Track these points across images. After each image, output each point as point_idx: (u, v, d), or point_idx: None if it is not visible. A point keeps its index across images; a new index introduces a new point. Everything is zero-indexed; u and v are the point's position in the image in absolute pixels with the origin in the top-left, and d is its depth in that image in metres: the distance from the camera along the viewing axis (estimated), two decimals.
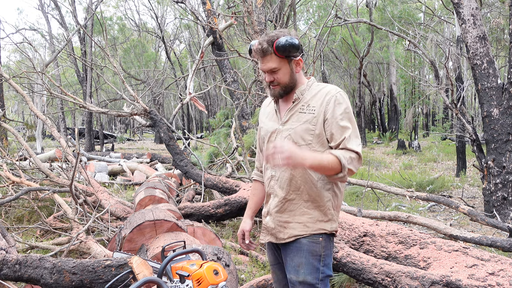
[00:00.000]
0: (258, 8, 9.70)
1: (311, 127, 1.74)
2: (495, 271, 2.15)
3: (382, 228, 2.95)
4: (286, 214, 1.79)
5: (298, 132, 1.75)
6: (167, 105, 38.08)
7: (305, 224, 1.76)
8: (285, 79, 1.77)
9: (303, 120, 1.76)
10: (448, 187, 7.92)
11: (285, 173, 1.78)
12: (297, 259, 1.75)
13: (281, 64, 1.75)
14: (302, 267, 1.74)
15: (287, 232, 1.79)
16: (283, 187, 1.79)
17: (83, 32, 17.75)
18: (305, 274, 1.73)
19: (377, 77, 27.26)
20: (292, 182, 1.77)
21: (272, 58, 1.74)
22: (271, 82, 1.79)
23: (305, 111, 1.77)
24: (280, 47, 1.70)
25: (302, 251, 1.75)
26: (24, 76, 6.86)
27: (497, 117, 5.08)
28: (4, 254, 2.69)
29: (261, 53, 1.75)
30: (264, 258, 3.78)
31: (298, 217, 1.77)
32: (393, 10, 17.49)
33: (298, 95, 1.81)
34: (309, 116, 1.75)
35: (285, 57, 1.74)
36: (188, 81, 7.88)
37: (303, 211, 1.77)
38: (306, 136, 1.74)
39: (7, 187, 5.43)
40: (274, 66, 1.75)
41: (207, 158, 8.09)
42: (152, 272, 2.22)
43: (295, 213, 1.78)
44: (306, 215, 1.76)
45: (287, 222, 1.79)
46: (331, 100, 1.73)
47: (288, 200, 1.79)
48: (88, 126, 18.46)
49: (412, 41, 9.69)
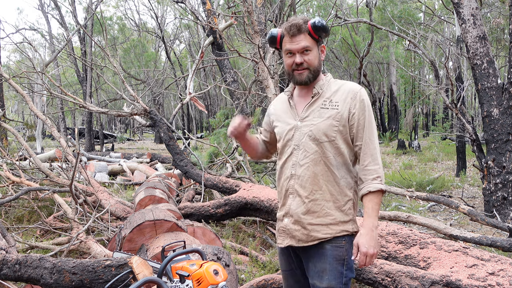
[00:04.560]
0: (258, 8, 9.69)
1: (335, 123, 1.69)
2: (495, 271, 2.15)
3: (382, 228, 2.95)
4: (309, 215, 1.71)
5: (322, 129, 1.70)
6: (167, 105, 38.07)
7: (328, 226, 1.70)
8: (315, 62, 1.72)
9: (326, 116, 1.70)
10: (448, 187, 7.92)
11: (307, 171, 1.71)
12: (320, 265, 1.69)
13: (313, 45, 1.71)
14: (326, 273, 1.68)
15: (311, 236, 1.71)
16: (305, 186, 1.71)
17: (83, 32, 17.75)
18: (329, 280, 1.67)
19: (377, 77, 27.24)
20: (315, 181, 1.71)
21: (306, 38, 1.69)
22: (299, 65, 1.72)
23: (327, 107, 1.72)
24: (317, 25, 1.66)
25: (326, 257, 1.69)
26: (24, 76, 6.85)
27: (497, 117, 5.08)
28: (4, 254, 2.69)
29: (296, 30, 1.68)
30: (264, 258, 3.78)
31: (322, 218, 1.70)
32: (393, 10, 17.48)
33: (317, 89, 1.75)
34: (333, 111, 1.70)
35: (317, 38, 1.71)
36: (188, 81, 7.88)
37: (326, 212, 1.70)
38: (329, 132, 1.69)
39: (7, 187, 5.42)
40: (308, 45, 1.70)
41: (207, 158, 8.09)
42: (152, 272, 2.22)
43: (319, 215, 1.70)
44: (329, 217, 1.70)
45: (310, 224, 1.71)
46: (356, 96, 1.70)
47: (311, 200, 1.71)
48: (88, 126, 18.46)
49: (412, 41, 9.69)
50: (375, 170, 1.67)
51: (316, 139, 1.70)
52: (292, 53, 1.72)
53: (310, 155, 1.71)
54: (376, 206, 1.66)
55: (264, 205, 4.15)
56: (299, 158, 1.73)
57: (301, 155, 1.73)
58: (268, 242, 4.46)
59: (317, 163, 1.71)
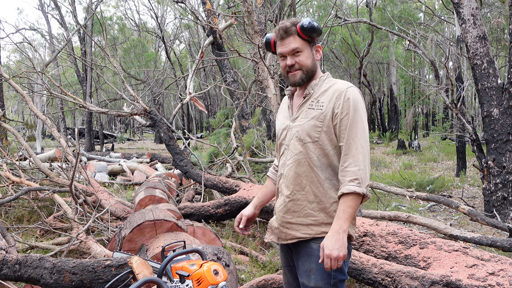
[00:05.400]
0: (258, 8, 9.69)
1: (318, 124, 1.67)
2: (495, 271, 2.15)
3: (382, 228, 2.94)
4: (290, 214, 1.74)
5: (305, 129, 1.70)
6: (167, 105, 38.08)
7: (309, 226, 1.70)
8: (307, 62, 1.72)
9: (310, 117, 1.70)
10: (448, 187, 7.92)
11: (291, 171, 1.73)
12: (308, 264, 1.70)
13: (304, 46, 1.71)
14: (313, 272, 1.68)
15: (289, 234, 1.74)
16: (288, 185, 1.73)
17: (83, 32, 17.74)
18: (316, 280, 1.67)
19: (377, 77, 27.26)
20: (297, 181, 1.71)
21: (296, 39, 1.70)
22: (291, 67, 1.72)
23: (313, 107, 1.70)
24: (305, 26, 1.66)
25: (313, 256, 1.69)
26: (24, 76, 6.85)
27: (497, 117, 5.08)
28: (4, 254, 2.69)
29: (284, 33, 1.70)
30: (264, 258, 3.78)
31: (302, 218, 1.71)
32: (393, 10, 17.48)
33: (309, 90, 1.74)
34: (317, 112, 1.69)
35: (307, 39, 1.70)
36: (188, 81, 7.88)
37: (308, 212, 1.70)
38: (312, 133, 1.68)
39: (7, 187, 5.42)
40: (297, 46, 1.70)
41: (207, 158, 8.09)
42: (152, 272, 2.22)
43: (299, 214, 1.72)
44: (311, 217, 1.70)
45: (290, 223, 1.74)
46: (341, 95, 1.65)
47: (291, 200, 1.73)
48: (88, 126, 18.46)
49: (412, 41, 9.69)
50: (354, 172, 1.59)
51: (301, 140, 1.71)
52: (284, 56, 1.74)
53: (294, 156, 1.73)
54: (348, 209, 1.57)
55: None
56: (287, 158, 1.76)
57: (288, 155, 1.76)
58: (268, 242, 4.46)
59: (300, 164, 1.71)
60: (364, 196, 1.60)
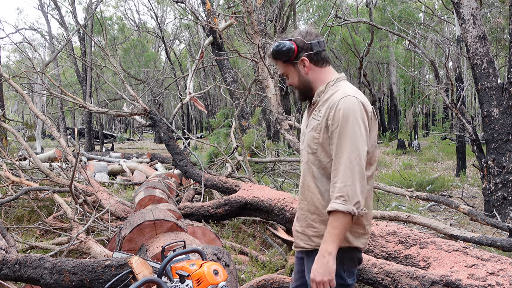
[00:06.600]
0: (258, 8, 9.70)
1: (315, 135, 1.63)
2: (495, 271, 2.15)
3: (382, 228, 2.94)
4: (298, 222, 1.75)
5: (307, 140, 1.68)
6: (167, 105, 38.07)
7: (310, 237, 1.68)
8: (294, 81, 1.71)
9: (311, 127, 1.66)
10: (448, 187, 7.92)
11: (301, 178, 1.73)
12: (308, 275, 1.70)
13: (286, 68, 1.71)
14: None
15: (297, 242, 1.75)
16: (299, 193, 1.74)
17: (83, 32, 17.74)
18: None
19: (377, 77, 27.24)
20: (302, 190, 1.70)
21: (278, 64, 1.72)
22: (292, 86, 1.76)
23: (315, 117, 1.65)
24: (273, 53, 1.67)
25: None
26: (24, 76, 6.85)
27: (497, 117, 5.08)
28: (4, 254, 2.69)
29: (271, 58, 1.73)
30: (264, 258, 3.78)
31: (304, 229, 1.70)
32: (393, 10, 17.48)
33: (315, 98, 1.69)
34: (315, 122, 1.64)
35: (283, 61, 1.68)
36: (188, 81, 7.88)
37: (309, 223, 1.68)
38: (312, 144, 1.65)
39: (7, 187, 5.42)
40: (282, 71, 1.72)
41: (207, 158, 8.09)
42: (152, 272, 2.22)
43: (302, 224, 1.71)
44: (312, 229, 1.67)
45: (297, 231, 1.75)
46: (334, 106, 1.56)
47: (300, 208, 1.73)
48: (88, 126, 18.46)
49: (412, 41, 9.69)
50: (340, 189, 1.50)
51: (306, 150, 1.70)
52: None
53: (303, 164, 1.74)
54: (333, 230, 1.49)
55: (264, 205, 4.15)
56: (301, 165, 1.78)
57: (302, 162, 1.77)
58: (268, 242, 4.46)
59: (306, 173, 1.71)
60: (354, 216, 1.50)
